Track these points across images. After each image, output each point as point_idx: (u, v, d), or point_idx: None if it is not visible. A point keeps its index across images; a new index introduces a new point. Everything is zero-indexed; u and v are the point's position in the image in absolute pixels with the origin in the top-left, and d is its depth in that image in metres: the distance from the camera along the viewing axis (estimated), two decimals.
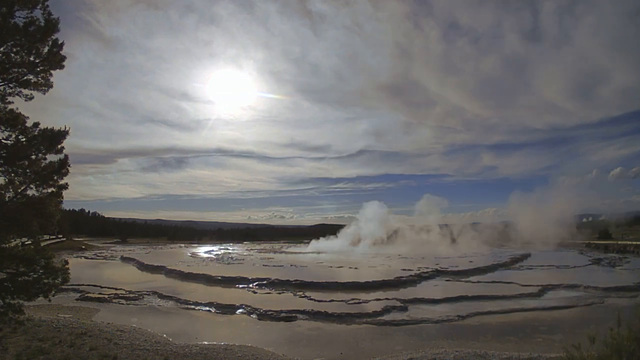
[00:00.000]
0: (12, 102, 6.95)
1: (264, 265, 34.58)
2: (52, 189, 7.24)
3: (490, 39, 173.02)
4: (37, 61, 6.87)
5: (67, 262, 7.72)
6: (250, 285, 23.35)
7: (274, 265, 33.81)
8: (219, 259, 41.06)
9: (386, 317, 15.90)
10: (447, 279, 26.75)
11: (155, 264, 33.46)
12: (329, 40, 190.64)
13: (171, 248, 61.58)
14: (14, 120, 6.73)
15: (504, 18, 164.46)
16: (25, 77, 6.93)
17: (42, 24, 6.69)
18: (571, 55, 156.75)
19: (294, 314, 16.26)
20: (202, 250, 53.89)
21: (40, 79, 7.00)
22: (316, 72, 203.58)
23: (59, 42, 6.98)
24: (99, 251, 51.32)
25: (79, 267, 31.30)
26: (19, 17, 6.56)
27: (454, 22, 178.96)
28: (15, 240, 7.32)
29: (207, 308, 17.94)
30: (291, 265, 33.77)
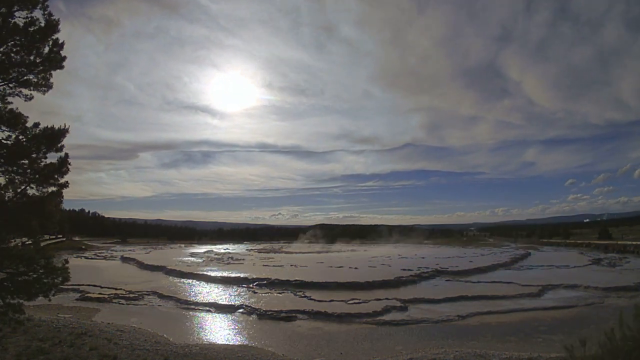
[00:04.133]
0: (12, 103, 6.95)
1: (264, 265, 34.62)
2: (53, 188, 7.22)
3: (593, 27, 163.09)
4: (37, 61, 6.86)
5: (67, 262, 7.71)
6: (250, 285, 23.36)
7: (274, 265, 33.85)
8: (219, 259, 41.09)
9: (386, 317, 15.90)
10: (447, 278, 26.78)
11: (155, 264, 33.53)
12: (430, 17, 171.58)
13: (171, 248, 61.64)
14: (14, 120, 6.72)
15: (615, 4, 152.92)
16: (25, 77, 6.91)
17: (43, 25, 6.69)
18: None
19: (294, 314, 16.25)
20: (202, 250, 53.91)
21: (40, 79, 6.99)
22: (403, 55, 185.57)
23: (59, 42, 6.97)
24: (99, 251, 51.33)
25: (79, 267, 31.28)
26: (19, 17, 6.55)
27: (565, 5, 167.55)
28: (15, 240, 7.31)
29: (207, 308, 17.93)
30: (291, 265, 33.79)
